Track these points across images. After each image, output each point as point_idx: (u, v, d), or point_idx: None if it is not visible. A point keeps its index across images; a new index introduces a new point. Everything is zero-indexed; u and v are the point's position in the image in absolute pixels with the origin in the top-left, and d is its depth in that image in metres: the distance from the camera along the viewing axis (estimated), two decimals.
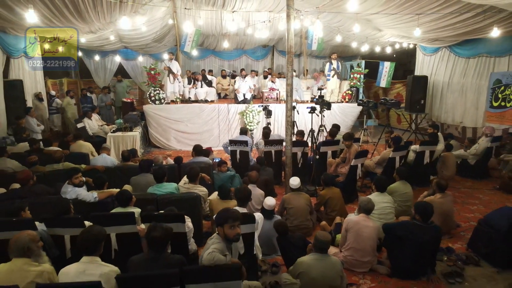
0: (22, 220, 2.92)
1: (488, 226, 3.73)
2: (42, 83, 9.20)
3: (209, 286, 2.16)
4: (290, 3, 5.07)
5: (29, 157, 5.15)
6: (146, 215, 3.03)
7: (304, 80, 10.87)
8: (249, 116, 8.59)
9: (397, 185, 4.76)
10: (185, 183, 4.29)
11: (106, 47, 10.59)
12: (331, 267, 2.96)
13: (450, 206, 4.35)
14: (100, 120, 8.92)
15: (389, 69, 9.55)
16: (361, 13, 6.70)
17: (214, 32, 10.74)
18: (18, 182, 4.08)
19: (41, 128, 7.66)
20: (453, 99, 8.91)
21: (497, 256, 3.58)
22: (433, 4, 5.66)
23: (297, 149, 5.86)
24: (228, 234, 2.45)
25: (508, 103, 7.56)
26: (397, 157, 5.54)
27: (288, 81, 5.19)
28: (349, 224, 3.62)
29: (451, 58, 8.95)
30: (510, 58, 7.58)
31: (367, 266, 3.61)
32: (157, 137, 8.64)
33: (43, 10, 5.39)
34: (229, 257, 2.27)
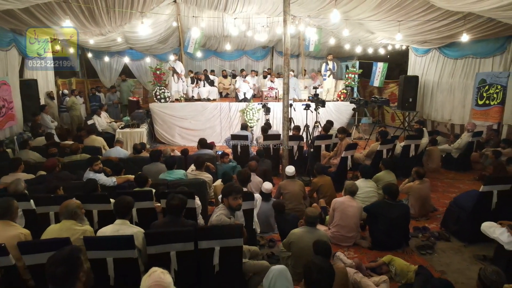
0: (59, 196, 3.51)
1: (457, 207, 4.33)
2: (53, 82, 9.81)
3: (216, 243, 2.74)
4: (287, 9, 5.67)
5: (49, 149, 5.73)
6: (162, 193, 3.62)
7: (302, 80, 11.47)
8: (249, 113, 9.18)
9: (382, 174, 5.35)
10: (192, 170, 4.89)
11: (113, 48, 11.19)
12: (319, 238, 3.54)
13: (427, 191, 4.94)
14: (109, 118, 9.52)
15: (382, 69, 10.14)
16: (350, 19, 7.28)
17: (216, 34, 11.34)
18: (45, 170, 4.67)
19: (55, 124, 8.27)
20: (442, 98, 9.50)
21: (464, 232, 4.17)
22: (417, 10, 6.26)
23: (293, 143, 6.44)
24: (232, 204, 3.04)
25: (492, 101, 8.14)
26: (384, 149, 6.12)
27: (284, 80, 5.76)
28: (335, 204, 4.21)
29: (441, 59, 9.54)
30: (494, 59, 8.17)
31: (351, 241, 4.20)
32: (163, 133, 9.24)
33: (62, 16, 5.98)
34: (232, 219, 2.85)
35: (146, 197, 3.58)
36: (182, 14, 10.09)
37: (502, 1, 4.43)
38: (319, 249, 2.87)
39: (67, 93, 10.45)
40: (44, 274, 1.82)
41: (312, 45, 10.28)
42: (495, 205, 3.98)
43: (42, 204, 3.47)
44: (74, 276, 1.78)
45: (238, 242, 2.76)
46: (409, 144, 6.46)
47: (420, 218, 4.87)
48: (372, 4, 6.59)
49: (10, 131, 7.48)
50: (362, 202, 4.59)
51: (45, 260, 2.06)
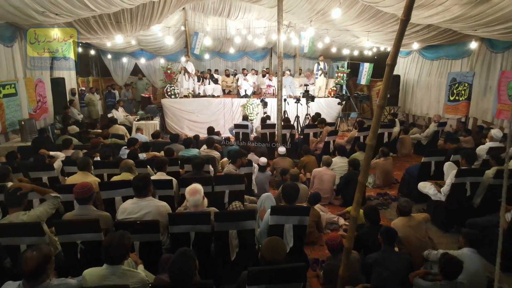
0: (111, 161, 4.95)
1: (408, 175, 5.76)
2: (75, 80, 11.27)
3: (226, 187, 4.16)
4: (280, 19, 7.12)
5: (88, 134, 7.17)
6: (185, 160, 5.06)
7: (298, 78, 12.90)
8: (250, 108, 10.60)
9: (357, 154, 6.74)
10: (204, 149, 6.32)
11: (127, 49, 12.64)
12: (302, 188, 4.96)
13: (390, 166, 6.37)
14: (124, 112, 10.96)
15: (368, 69, 11.56)
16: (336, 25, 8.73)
17: (220, 37, 12.78)
18: (91, 146, 6.09)
19: (81, 116, 9.73)
20: (421, 94, 10.94)
21: (412, 194, 5.58)
22: (390, 20, 7.69)
23: (286, 131, 7.87)
24: (243, 161, 4.47)
25: (460, 97, 9.58)
26: (361, 136, 7.55)
27: (278, 78, 7.21)
28: (315, 173, 5.64)
29: (420, 60, 10.99)
30: (463, 61, 9.60)
31: (327, 200, 5.63)
32: (173, 125, 10.67)
33: (94, 26, 7.43)
34: (237, 171, 4.25)
35: (174, 163, 5.02)
36: (190, 20, 11.53)
37: (445, 17, 5.86)
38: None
39: (85, 90, 11.90)
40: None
41: (306, 47, 11.71)
42: (433, 172, 5.41)
43: (98, 167, 4.88)
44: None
45: (241, 187, 4.19)
46: (383, 132, 7.88)
47: (384, 187, 6.29)
48: (352, 14, 8.03)
49: (44, 122, 8.94)
50: (338, 174, 6.02)
51: (116, 195, 3.51)
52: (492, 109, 8.52)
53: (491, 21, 5.72)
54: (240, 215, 3.17)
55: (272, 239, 2.49)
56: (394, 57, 2.35)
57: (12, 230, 2.90)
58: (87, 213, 3.13)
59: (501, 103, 8.28)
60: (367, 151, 2.65)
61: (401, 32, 2.26)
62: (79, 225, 2.94)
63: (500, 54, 8.34)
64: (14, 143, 7.44)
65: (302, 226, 3.34)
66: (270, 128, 8.04)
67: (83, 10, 5.61)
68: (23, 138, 7.49)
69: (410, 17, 2.23)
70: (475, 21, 5.86)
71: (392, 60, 2.35)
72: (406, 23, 2.22)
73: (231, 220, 3.15)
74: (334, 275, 3.08)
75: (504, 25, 5.77)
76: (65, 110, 9.07)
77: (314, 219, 4.45)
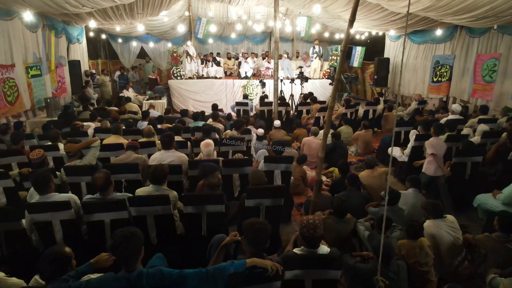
0: (135, 129, 6.10)
1: (383, 143, 6.90)
2: (87, 63, 12.32)
3: (230, 148, 5.30)
4: (276, 8, 8.13)
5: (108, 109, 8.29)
6: (195, 128, 6.21)
7: (295, 61, 13.91)
8: (250, 88, 11.66)
9: (342, 128, 7.89)
10: (210, 122, 7.44)
11: (133, 33, 13.61)
12: (294, 153, 6.10)
13: (370, 137, 7.51)
14: (134, 92, 12.05)
15: (360, 52, 12.55)
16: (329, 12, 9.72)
17: (222, 22, 13.73)
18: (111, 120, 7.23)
19: (96, 96, 10.83)
20: (408, 76, 11.96)
21: (385, 160, 6.74)
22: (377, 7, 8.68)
23: (282, 108, 8.98)
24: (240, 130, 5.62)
25: (443, 78, 10.62)
26: (348, 112, 8.66)
27: (275, 61, 8.26)
28: (304, 141, 6.79)
29: (408, 43, 11.96)
30: (445, 45, 10.60)
31: (314, 164, 6.77)
32: (179, 104, 11.77)
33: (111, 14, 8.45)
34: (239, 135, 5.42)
35: (187, 131, 6.17)
36: (193, 5, 12.47)
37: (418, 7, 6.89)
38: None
39: (95, 72, 12.94)
40: None
41: (303, 31, 12.69)
42: (402, 140, 6.54)
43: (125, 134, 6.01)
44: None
45: (243, 148, 5.33)
46: (368, 109, 8.98)
47: (364, 155, 7.44)
48: (343, 2, 9.02)
49: (64, 101, 10.05)
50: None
51: (143, 152, 4.68)
52: (468, 89, 9.60)
53: (457, 11, 6.75)
54: (241, 163, 4.33)
55: (255, 171, 3.69)
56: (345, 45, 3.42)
57: (76, 171, 4.07)
58: (129, 156, 4.32)
59: (476, 83, 9.36)
60: (323, 139, 3.77)
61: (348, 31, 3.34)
62: (123, 166, 4.11)
63: (476, 38, 9.35)
64: (41, 118, 8.60)
65: (288, 172, 4.50)
66: (267, 105, 9.14)
67: (106, 1, 6.63)
68: (48, 114, 8.62)
69: (355, 18, 3.30)
70: (445, 11, 6.88)
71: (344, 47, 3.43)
72: (352, 23, 3.30)
73: (234, 166, 4.31)
74: (309, 206, 4.26)
75: (469, 14, 6.79)
76: (83, 90, 10.16)
77: (301, 175, 5.63)
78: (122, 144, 4.94)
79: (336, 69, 12.66)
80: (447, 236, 3.34)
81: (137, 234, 2.11)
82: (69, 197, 3.22)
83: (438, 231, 3.34)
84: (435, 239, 3.32)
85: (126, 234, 2.05)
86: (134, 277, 2.05)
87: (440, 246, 3.30)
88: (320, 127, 8.26)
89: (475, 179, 4.72)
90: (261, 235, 2.27)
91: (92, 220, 3.17)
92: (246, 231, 2.35)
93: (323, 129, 7.16)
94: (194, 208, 3.31)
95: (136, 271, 2.07)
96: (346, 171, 4.90)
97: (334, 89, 3.62)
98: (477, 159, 4.69)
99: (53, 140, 5.13)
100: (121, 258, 2.05)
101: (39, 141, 5.88)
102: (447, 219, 3.42)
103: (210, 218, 3.35)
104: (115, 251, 2.03)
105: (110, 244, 2.06)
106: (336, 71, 12.37)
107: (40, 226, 3.19)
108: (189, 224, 3.45)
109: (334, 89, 3.61)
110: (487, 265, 3.29)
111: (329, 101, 3.69)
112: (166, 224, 3.30)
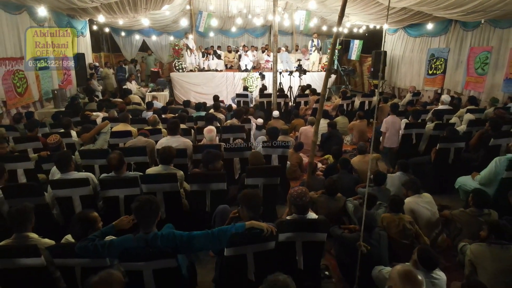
0: (141, 118, 6.48)
1: (376, 132, 7.26)
2: (91, 56, 12.66)
3: (230, 135, 5.69)
4: (275, 2, 8.47)
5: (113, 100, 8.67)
6: (197, 117, 6.59)
7: (294, 54, 14.24)
8: (249, 81, 12.02)
9: (338, 118, 8.27)
10: (211, 111, 7.82)
11: (135, 27, 13.92)
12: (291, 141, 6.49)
13: (364, 127, 7.88)
14: (137, 84, 12.41)
15: (358, 45, 12.88)
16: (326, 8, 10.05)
17: (222, 15, 14.03)
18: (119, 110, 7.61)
19: (100, 88, 11.19)
20: (405, 69, 12.32)
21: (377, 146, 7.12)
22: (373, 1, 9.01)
23: (281, 100, 9.35)
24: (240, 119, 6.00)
25: (437, 71, 10.97)
26: (344, 103, 9.03)
27: (274, 54, 8.61)
28: (301, 130, 7.17)
29: (405, 37, 12.29)
30: (440, 38, 10.93)
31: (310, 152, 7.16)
32: (181, 96, 12.13)
33: (115, 8, 8.78)
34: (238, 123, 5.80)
35: (190, 119, 6.56)
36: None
37: (410, 2, 7.23)
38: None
39: (98, 65, 13.28)
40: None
41: (302, 25, 13.00)
42: None
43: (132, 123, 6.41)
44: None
45: (243, 136, 5.72)
46: (364, 101, 9.35)
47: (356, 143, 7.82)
48: None
49: (69, 93, 10.42)
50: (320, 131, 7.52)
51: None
52: (462, 81, 9.96)
53: (448, 6, 7.09)
54: (241, 148, 4.72)
55: (254, 152, 4.09)
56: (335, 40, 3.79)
57: (90, 154, 4.48)
58: (139, 139, 4.73)
59: (469, 76, 9.73)
60: (315, 124, 4.16)
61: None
62: (132, 150, 4.51)
63: (470, 32, 9.69)
64: (49, 109, 8.99)
65: (284, 156, 4.90)
66: (267, 97, 9.50)
67: None
68: (56, 104, 9.01)
69: (344, 14, 3.66)
70: (436, 5, 7.22)
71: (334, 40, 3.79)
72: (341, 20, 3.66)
73: (235, 151, 4.70)
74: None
75: (459, 8, 7.13)
76: (88, 82, 10.53)
77: (297, 161, 6.03)
78: (130, 131, 5.34)
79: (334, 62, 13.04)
80: (425, 211, 3.74)
81: (156, 200, 2.52)
82: (87, 175, 3.62)
83: (416, 207, 3.75)
84: (414, 213, 3.72)
85: (149, 198, 2.45)
86: (151, 237, 2.45)
87: (419, 220, 3.70)
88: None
89: (458, 163, 5.11)
90: (254, 200, 2.67)
91: (108, 196, 3.57)
92: (242, 200, 2.75)
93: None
94: (199, 186, 3.71)
95: (152, 233, 2.47)
96: (340, 156, 5.29)
97: (325, 78, 4.00)
98: (459, 145, 5.08)
99: (65, 128, 5.52)
100: (142, 218, 2.44)
101: (51, 129, 6.28)
102: (424, 196, 3.82)
103: (213, 195, 3.75)
104: (139, 210, 2.42)
105: (136, 205, 2.44)
106: (334, 64, 12.76)
107: (61, 201, 3.59)
108: (195, 201, 3.85)
109: (325, 78, 3.99)
110: (461, 238, 3.68)
111: (321, 90, 4.06)
112: (174, 200, 3.70)
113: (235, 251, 2.60)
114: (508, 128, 5.62)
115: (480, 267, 2.91)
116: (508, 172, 4.00)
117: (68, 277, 2.63)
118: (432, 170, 5.24)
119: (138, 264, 2.43)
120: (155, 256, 2.41)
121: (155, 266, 2.46)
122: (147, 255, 2.40)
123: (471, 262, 2.96)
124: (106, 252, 2.39)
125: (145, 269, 2.45)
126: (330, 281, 3.52)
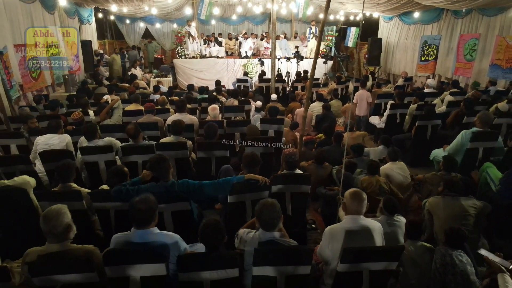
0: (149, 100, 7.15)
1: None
2: (97, 43, 13.25)
3: (231, 114, 6.35)
4: None
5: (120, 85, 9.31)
6: (202, 99, 7.25)
7: (293, 41, 14.79)
8: (249, 67, 12.61)
9: (333, 101, 8.92)
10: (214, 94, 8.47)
11: (139, 14, 14.45)
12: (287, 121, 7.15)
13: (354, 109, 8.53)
14: (141, 70, 13.02)
15: (355, 33, 13.42)
16: None
17: (223, 3, 14.54)
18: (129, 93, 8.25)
19: (107, 74, 11.82)
20: (399, 56, 12.89)
21: (368, 127, 7.77)
22: None
23: (279, 84, 9.98)
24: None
25: (430, 57, 11.55)
26: (339, 88, 9.66)
27: (272, 41, 9.20)
28: (297, 112, 7.81)
29: (400, 24, 12.83)
30: (433, 25, 11.48)
31: (306, 132, 7.82)
32: (183, 82, 12.74)
33: None
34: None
35: (195, 101, 7.22)
36: None
37: None
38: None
39: (102, 52, 13.88)
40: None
41: (301, 13, 13.50)
42: (383, 110, 7.57)
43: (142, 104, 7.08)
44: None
45: (243, 115, 6.38)
46: (358, 85, 9.96)
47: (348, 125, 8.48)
48: None
49: (78, 78, 11.05)
50: (315, 113, 8.19)
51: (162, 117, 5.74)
52: (452, 67, 10.56)
53: None
54: (241, 123, 5.40)
55: (250, 125, 4.84)
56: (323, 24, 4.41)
57: (108, 128, 5.16)
58: (149, 117, 5.42)
59: (459, 62, 10.32)
60: (306, 102, 4.80)
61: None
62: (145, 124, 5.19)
63: (460, 19, 10.25)
64: (60, 93, 9.64)
65: (279, 131, 5.58)
66: (266, 82, 10.13)
67: None
68: (67, 89, 9.65)
69: (329, 6, 4.28)
70: None
71: (321, 28, 4.42)
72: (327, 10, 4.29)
73: (236, 126, 5.38)
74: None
75: None
76: (95, 68, 11.15)
77: (292, 138, 6.69)
78: (142, 110, 6.00)
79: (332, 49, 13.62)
80: (398, 176, 4.43)
81: (165, 157, 3.21)
82: (110, 140, 4.32)
83: (391, 172, 4.44)
84: (389, 177, 4.41)
85: (158, 155, 3.17)
86: (169, 184, 3.15)
87: (392, 183, 4.39)
88: (312, 101, 9.31)
89: (435, 139, 5.78)
90: (253, 159, 3.36)
91: (128, 161, 4.26)
92: (244, 160, 3.44)
93: (314, 102, 8.20)
94: (205, 153, 4.40)
95: (170, 181, 3.16)
96: (329, 133, 5.96)
97: (314, 62, 4.64)
98: (436, 122, 5.74)
99: (83, 107, 6.19)
100: (159, 171, 3.13)
101: (67, 109, 6.95)
102: (398, 163, 4.51)
103: (218, 161, 4.43)
104: (155, 165, 3.11)
105: (150, 164, 3.15)
106: (331, 51, 13.35)
107: (89, 166, 4.28)
108: (201, 167, 4.54)
109: (314, 61, 4.63)
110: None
111: (310, 72, 4.70)
112: (184, 165, 4.39)
113: (237, 198, 3.29)
114: (482, 108, 6.27)
115: (435, 215, 3.61)
116: (472, 143, 4.67)
117: (104, 221, 3.33)
118: (412, 145, 5.92)
119: (160, 206, 3.13)
120: (173, 199, 3.10)
121: (173, 208, 3.15)
122: (167, 198, 3.09)
123: (429, 211, 3.66)
124: (135, 195, 3.09)
125: (165, 210, 3.15)
126: (316, 231, 4.24)
